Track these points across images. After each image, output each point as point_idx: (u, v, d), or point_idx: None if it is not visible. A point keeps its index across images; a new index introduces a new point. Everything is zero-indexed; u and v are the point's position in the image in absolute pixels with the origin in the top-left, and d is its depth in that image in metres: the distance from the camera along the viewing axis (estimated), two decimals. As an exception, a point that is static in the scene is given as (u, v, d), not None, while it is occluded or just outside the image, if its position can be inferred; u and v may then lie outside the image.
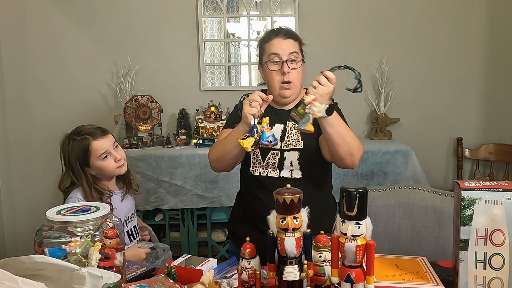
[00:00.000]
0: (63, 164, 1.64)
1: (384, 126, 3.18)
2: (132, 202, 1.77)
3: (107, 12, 3.16)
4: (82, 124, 1.69)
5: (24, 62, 3.18)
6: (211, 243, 2.92)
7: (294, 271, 1.06)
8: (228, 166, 1.63)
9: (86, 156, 1.60)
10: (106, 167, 1.63)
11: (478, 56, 3.27)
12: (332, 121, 1.42)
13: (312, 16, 3.19)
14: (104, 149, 1.61)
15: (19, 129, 3.22)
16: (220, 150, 1.59)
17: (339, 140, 1.45)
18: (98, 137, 1.62)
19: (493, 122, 3.30)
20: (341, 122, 1.47)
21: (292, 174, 1.61)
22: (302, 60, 1.63)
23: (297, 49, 1.61)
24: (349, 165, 1.52)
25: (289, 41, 1.61)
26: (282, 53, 1.58)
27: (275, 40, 1.61)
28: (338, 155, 1.48)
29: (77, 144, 1.60)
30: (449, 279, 1.20)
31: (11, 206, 3.24)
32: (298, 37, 1.66)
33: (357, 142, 1.51)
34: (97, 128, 1.66)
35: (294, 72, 1.58)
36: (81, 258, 1.04)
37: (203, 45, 3.22)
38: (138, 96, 3.03)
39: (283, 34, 1.62)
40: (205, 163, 2.76)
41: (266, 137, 1.39)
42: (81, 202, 1.53)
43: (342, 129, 1.46)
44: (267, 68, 1.61)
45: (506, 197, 1.08)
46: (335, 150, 1.48)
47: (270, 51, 1.60)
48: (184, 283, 1.14)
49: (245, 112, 1.41)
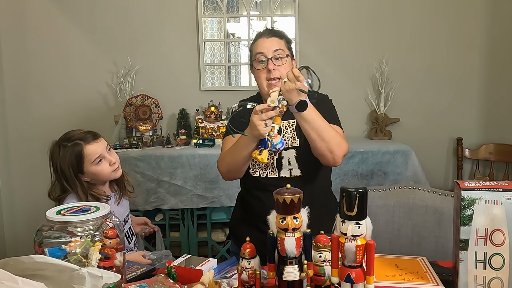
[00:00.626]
0: (53, 173, 1.58)
1: (384, 126, 3.18)
2: (127, 204, 1.74)
3: (107, 12, 3.16)
4: (71, 130, 1.62)
5: (24, 62, 3.18)
6: (211, 243, 2.92)
7: (294, 271, 1.06)
8: (239, 174, 1.65)
9: (79, 162, 1.54)
10: (101, 171, 1.58)
11: (478, 56, 3.27)
12: (306, 117, 1.43)
13: (312, 16, 3.19)
14: (98, 153, 1.56)
15: (19, 128, 3.22)
16: (230, 162, 1.59)
17: (315, 136, 1.46)
18: (90, 142, 1.56)
19: (493, 122, 3.30)
20: (319, 119, 1.47)
21: (291, 173, 1.61)
22: (291, 56, 1.64)
23: (282, 46, 1.62)
24: (331, 162, 1.53)
25: (272, 39, 1.62)
26: (266, 51, 1.59)
27: (259, 40, 1.64)
28: (317, 151, 1.50)
29: (68, 150, 1.54)
30: (449, 279, 1.20)
31: (11, 206, 3.24)
32: (283, 35, 1.67)
33: (337, 139, 1.51)
34: (88, 132, 1.60)
35: (281, 69, 1.59)
36: (81, 258, 1.04)
37: (203, 45, 3.22)
38: (133, 99, 3.01)
39: (266, 33, 1.65)
40: (205, 163, 2.77)
41: (275, 145, 1.42)
42: (81, 202, 1.52)
43: (319, 126, 1.46)
44: (254, 67, 1.63)
45: (506, 197, 1.08)
46: (313, 146, 1.50)
47: (256, 51, 1.62)
48: (184, 283, 1.14)
49: (262, 133, 1.41)
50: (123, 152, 2.77)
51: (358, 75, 3.26)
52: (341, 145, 1.52)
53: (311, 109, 1.43)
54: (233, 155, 1.56)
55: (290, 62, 1.64)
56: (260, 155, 1.41)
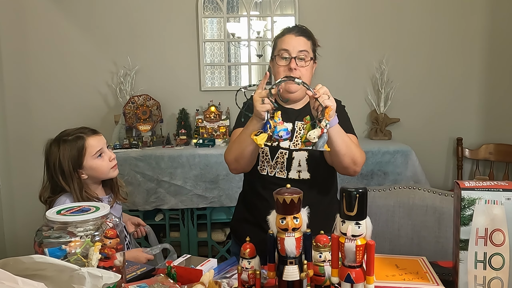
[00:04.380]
0: (46, 172, 1.58)
1: (384, 126, 3.18)
2: (119, 208, 1.73)
3: (107, 12, 3.16)
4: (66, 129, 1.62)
5: (24, 62, 3.18)
6: (211, 243, 2.92)
7: (294, 271, 1.06)
8: (247, 165, 1.59)
9: (80, 155, 1.54)
10: (101, 166, 1.58)
11: (478, 56, 3.27)
12: (338, 129, 1.44)
13: (312, 16, 3.19)
14: (100, 146, 1.57)
15: (19, 129, 3.22)
16: (236, 149, 1.55)
17: (344, 148, 1.46)
18: (91, 135, 1.58)
19: (493, 122, 3.30)
20: (344, 132, 1.49)
21: (300, 176, 1.60)
22: (313, 59, 1.63)
23: (308, 47, 1.61)
24: (351, 173, 1.54)
25: (300, 38, 1.60)
26: (291, 49, 1.58)
27: (287, 36, 1.61)
28: (343, 164, 1.50)
29: (70, 144, 1.54)
30: (449, 279, 1.20)
31: (11, 206, 3.24)
32: (311, 36, 1.64)
33: (359, 151, 1.54)
34: (85, 127, 1.61)
35: (302, 70, 1.58)
36: (81, 258, 1.04)
37: (203, 45, 3.22)
38: (135, 97, 3.03)
39: (296, 31, 1.62)
40: (205, 163, 2.77)
41: (277, 131, 1.35)
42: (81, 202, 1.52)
43: (347, 139, 1.48)
44: (276, 62, 1.62)
45: (506, 197, 1.08)
46: (340, 160, 1.49)
47: (281, 47, 1.61)
48: (184, 283, 1.14)
49: (259, 110, 1.38)
50: (123, 152, 2.77)
51: (358, 75, 3.26)
52: (363, 156, 1.55)
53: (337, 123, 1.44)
54: (239, 142, 1.54)
55: (312, 65, 1.63)
56: (257, 136, 1.35)
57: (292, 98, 1.64)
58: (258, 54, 3.31)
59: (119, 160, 2.74)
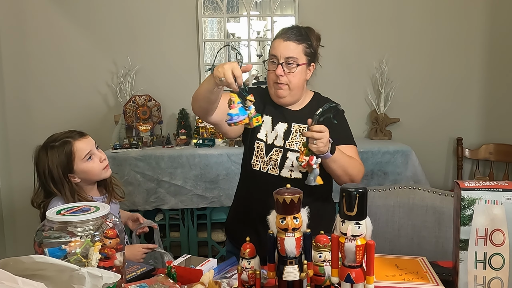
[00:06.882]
0: (38, 178, 1.54)
1: (384, 126, 3.18)
2: (116, 207, 1.69)
3: (107, 12, 3.16)
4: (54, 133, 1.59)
5: (24, 62, 3.18)
6: (211, 243, 2.92)
7: (294, 271, 1.06)
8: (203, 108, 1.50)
9: (69, 160, 1.51)
10: (92, 169, 1.55)
11: (478, 56, 3.26)
12: (334, 157, 1.46)
13: (312, 16, 3.19)
14: (88, 149, 1.54)
15: (19, 129, 3.22)
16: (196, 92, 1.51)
17: (341, 172, 1.52)
18: (78, 138, 1.54)
19: (493, 122, 3.30)
20: (343, 155, 1.51)
21: (291, 175, 1.61)
22: (307, 62, 1.60)
23: (297, 53, 1.56)
24: None
25: (288, 43, 1.56)
26: (278, 55, 1.56)
27: (276, 41, 1.60)
28: (341, 182, 1.56)
29: (58, 150, 1.51)
30: (449, 279, 1.20)
31: (11, 206, 3.24)
32: (303, 39, 1.58)
33: (358, 167, 1.56)
34: (72, 131, 1.58)
35: (289, 76, 1.57)
36: (81, 258, 1.04)
37: (203, 45, 3.22)
38: (136, 97, 3.03)
39: (286, 35, 1.57)
40: (205, 163, 2.77)
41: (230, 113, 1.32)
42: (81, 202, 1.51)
43: (344, 162, 1.51)
44: (266, 66, 1.63)
45: (506, 197, 1.08)
46: (338, 180, 1.57)
47: (270, 51, 1.61)
48: (184, 283, 1.14)
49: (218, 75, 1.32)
50: (123, 152, 2.77)
51: (358, 75, 3.26)
52: (361, 171, 1.58)
53: (336, 149, 1.46)
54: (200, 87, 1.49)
55: (304, 70, 1.59)
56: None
57: (281, 102, 1.64)
58: (258, 54, 3.31)
59: (119, 160, 2.77)
